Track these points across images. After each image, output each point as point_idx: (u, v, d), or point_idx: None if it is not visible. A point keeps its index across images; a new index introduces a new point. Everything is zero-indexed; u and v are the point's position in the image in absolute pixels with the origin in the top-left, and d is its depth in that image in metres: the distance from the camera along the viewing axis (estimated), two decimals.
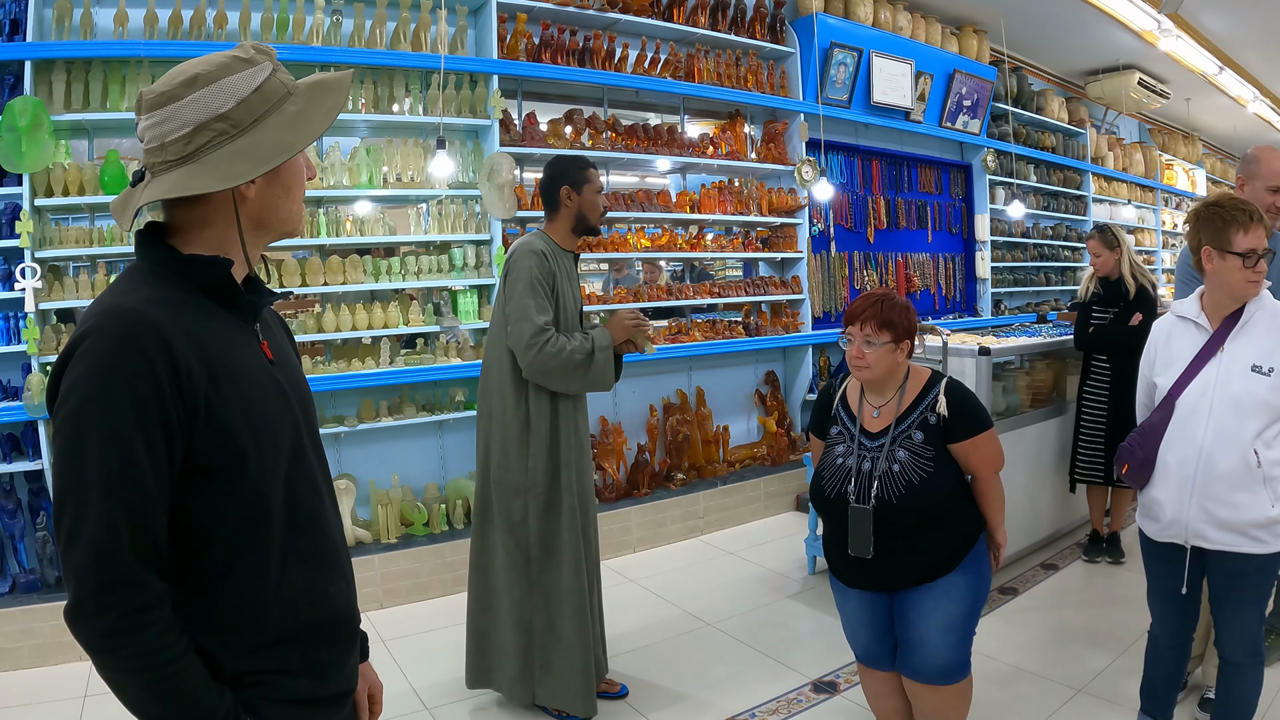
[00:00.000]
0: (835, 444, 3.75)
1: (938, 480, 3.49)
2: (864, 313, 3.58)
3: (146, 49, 5.76)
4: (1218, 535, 3.60)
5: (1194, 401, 3.67)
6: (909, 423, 3.60)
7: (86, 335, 1.61)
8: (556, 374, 4.41)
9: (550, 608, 4.56)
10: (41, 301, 5.64)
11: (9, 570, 5.76)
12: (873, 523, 3.47)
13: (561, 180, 4.63)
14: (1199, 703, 4.52)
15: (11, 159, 5.41)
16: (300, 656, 1.83)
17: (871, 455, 3.59)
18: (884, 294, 3.66)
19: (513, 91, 7.61)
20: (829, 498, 3.64)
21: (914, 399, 3.65)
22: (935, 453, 3.53)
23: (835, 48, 9.02)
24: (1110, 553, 6.81)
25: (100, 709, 4.79)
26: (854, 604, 3.75)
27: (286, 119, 1.80)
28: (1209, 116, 16.44)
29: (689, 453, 8.27)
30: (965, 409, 3.61)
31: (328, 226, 6.46)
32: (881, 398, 3.70)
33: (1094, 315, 6.75)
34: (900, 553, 3.50)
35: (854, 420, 3.72)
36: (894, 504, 3.46)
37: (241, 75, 1.75)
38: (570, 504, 4.57)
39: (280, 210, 1.87)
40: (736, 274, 9.71)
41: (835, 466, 3.67)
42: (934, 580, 3.52)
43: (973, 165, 11.60)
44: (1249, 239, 3.57)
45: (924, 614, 3.54)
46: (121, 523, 1.57)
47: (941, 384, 3.64)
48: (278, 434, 1.82)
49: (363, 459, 6.80)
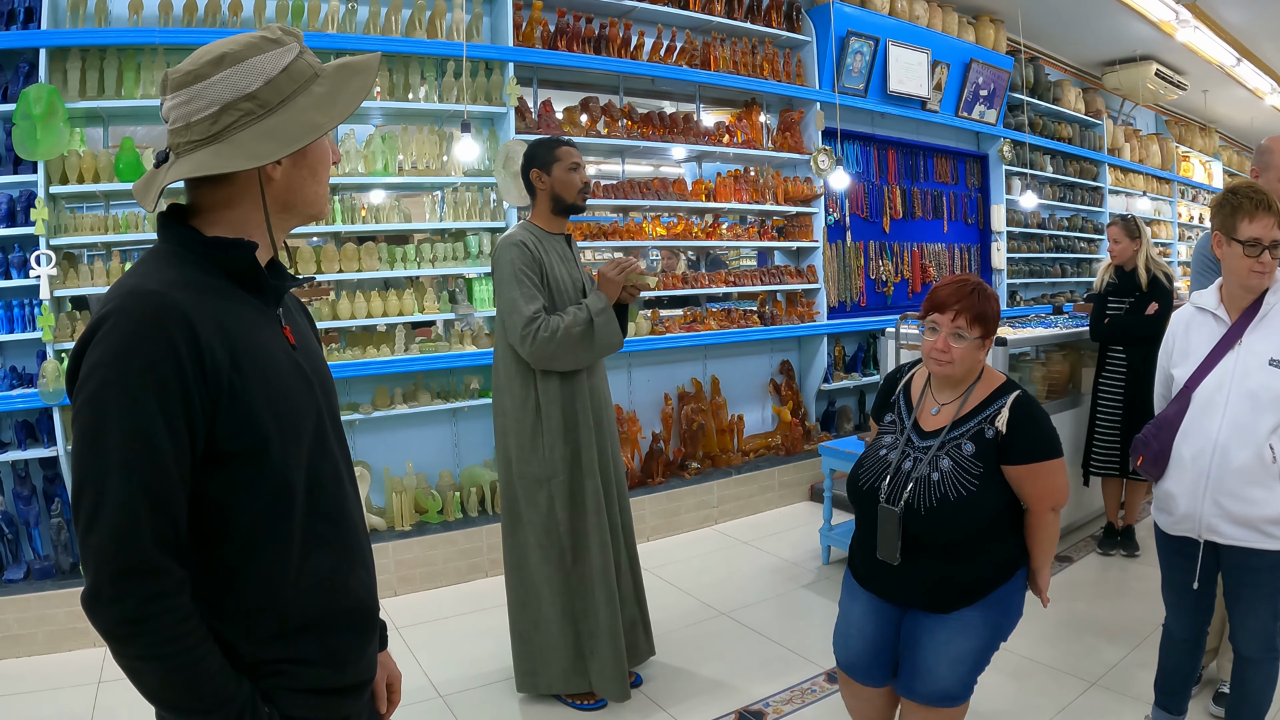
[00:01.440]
0: (885, 433, 3.49)
1: (979, 502, 3.15)
2: (956, 301, 3.24)
3: (161, 36, 5.76)
4: (1231, 530, 3.57)
5: (1210, 394, 3.64)
6: (964, 430, 3.26)
7: (109, 316, 1.59)
8: (561, 353, 4.35)
9: (588, 596, 4.56)
10: (56, 289, 5.65)
11: (24, 556, 5.79)
12: (900, 527, 3.18)
13: (531, 164, 4.60)
14: (1214, 697, 4.49)
15: (26, 146, 5.41)
16: (319, 646, 1.81)
17: (915, 455, 3.29)
18: (976, 281, 3.31)
19: (528, 79, 7.59)
20: (862, 489, 3.38)
21: (978, 405, 3.31)
22: (984, 470, 3.18)
23: (852, 36, 8.98)
24: (1125, 546, 6.78)
25: (114, 695, 4.80)
26: (861, 607, 3.45)
27: (314, 100, 1.78)
28: (1226, 108, 16.37)
29: (703, 442, 8.27)
30: (1030, 429, 3.22)
31: (343, 213, 6.46)
32: (947, 395, 3.38)
33: (1109, 306, 6.71)
34: (927, 569, 3.21)
35: (910, 412, 3.44)
36: (921, 514, 3.16)
37: (269, 55, 1.74)
38: (594, 487, 4.55)
39: (306, 192, 1.85)
40: (751, 263, 9.69)
41: (877, 457, 3.40)
42: (950, 611, 3.22)
43: (989, 155, 11.54)
44: (1254, 227, 3.54)
45: (936, 644, 3.23)
46: (142, 507, 1.55)
47: (1010, 396, 3.27)
48: (300, 419, 1.81)
49: (377, 446, 6.81)
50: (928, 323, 3.29)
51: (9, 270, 5.66)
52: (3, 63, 5.76)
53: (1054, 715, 4.48)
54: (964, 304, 3.23)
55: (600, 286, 4.51)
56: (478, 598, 6.21)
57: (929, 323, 3.28)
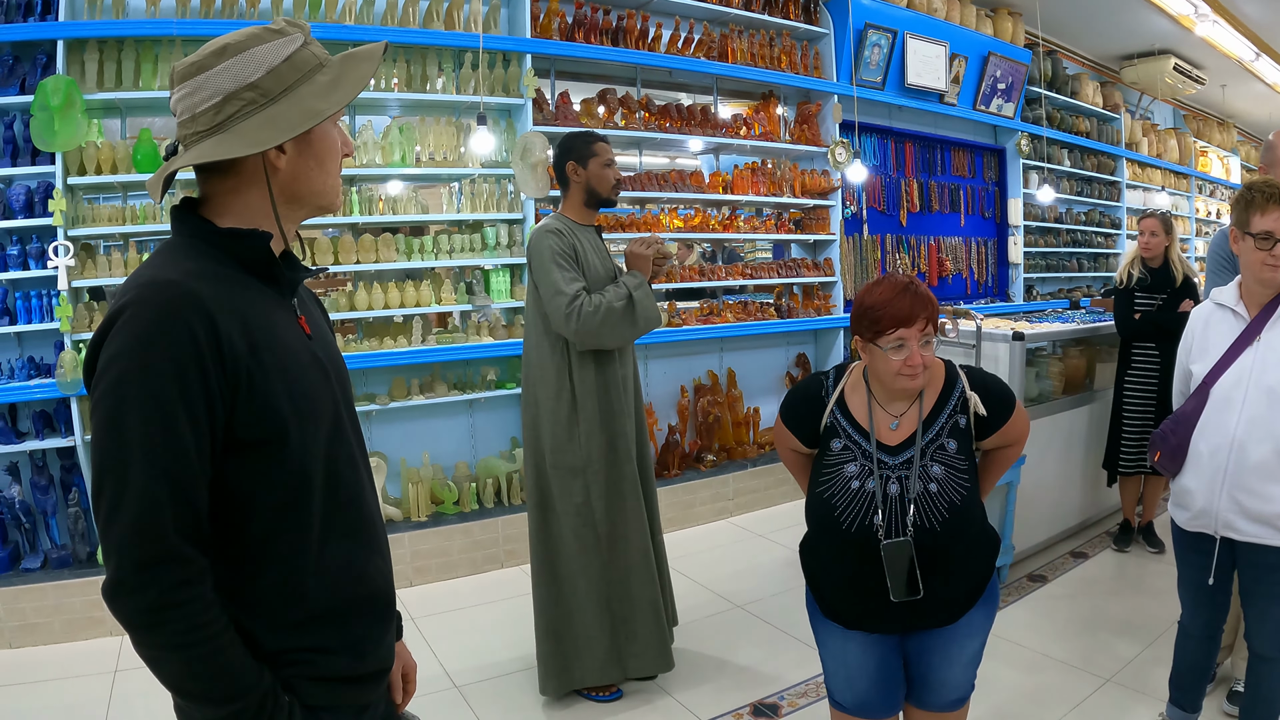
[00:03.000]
0: (842, 462, 3.01)
1: (974, 494, 2.96)
2: (914, 311, 2.85)
3: (179, 28, 5.77)
4: (1248, 527, 3.56)
5: (1228, 390, 3.63)
6: (938, 429, 2.98)
7: (126, 307, 1.59)
8: (606, 330, 4.36)
9: (626, 580, 4.58)
10: (74, 279, 5.68)
11: (41, 546, 5.82)
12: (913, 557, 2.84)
13: (568, 156, 4.63)
14: (1228, 695, 4.46)
15: (44, 138, 5.44)
16: (339, 634, 1.82)
17: (898, 475, 2.93)
18: (907, 280, 2.94)
19: (546, 71, 7.59)
20: (848, 530, 2.93)
21: (936, 399, 3.03)
22: (969, 462, 2.96)
23: (870, 29, 8.95)
24: (1149, 541, 6.75)
25: (131, 683, 4.82)
26: (857, 648, 3.09)
27: (317, 88, 1.79)
28: (1244, 103, 16.26)
29: (719, 434, 8.27)
30: (996, 395, 3.06)
31: (360, 205, 6.47)
32: (900, 405, 3.02)
33: (1138, 301, 6.55)
34: (941, 587, 2.91)
35: (864, 434, 3.01)
36: (938, 531, 2.86)
37: (271, 45, 1.75)
38: (631, 473, 4.59)
39: (314, 183, 1.85)
40: (767, 256, 9.68)
41: (850, 492, 2.95)
42: (959, 619, 2.99)
43: (1006, 149, 11.51)
44: (1266, 221, 3.53)
45: (950, 656, 3.04)
46: (163, 497, 1.55)
47: (963, 378, 3.05)
48: (318, 409, 1.81)
49: (394, 437, 6.83)
50: (891, 340, 2.86)
51: (27, 261, 5.68)
52: (20, 54, 5.79)
53: (1068, 711, 4.46)
54: (926, 310, 2.88)
55: (631, 264, 4.58)
56: (493, 588, 6.22)
57: (893, 340, 2.86)
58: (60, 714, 4.68)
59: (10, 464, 5.83)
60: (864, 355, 3.03)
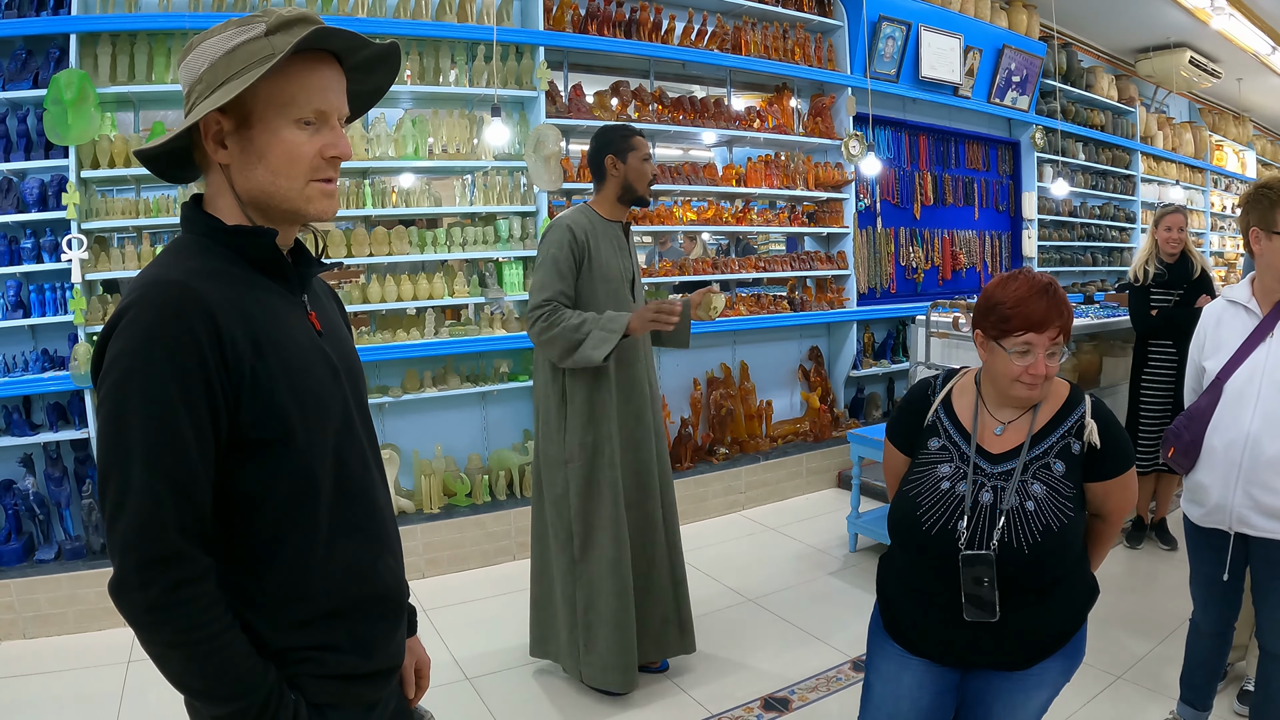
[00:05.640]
0: (936, 462, 2.82)
1: (1077, 528, 2.68)
2: (1049, 316, 2.65)
3: (191, 21, 5.77)
4: (1262, 522, 3.54)
5: (1242, 386, 3.61)
6: (1047, 447, 2.73)
7: (130, 307, 1.60)
8: (547, 346, 4.36)
9: (592, 586, 4.53)
10: (88, 272, 5.70)
11: (55, 537, 5.85)
12: (995, 575, 2.59)
13: (607, 149, 4.59)
14: (1238, 694, 4.46)
15: (58, 131, 5.45)
16: (346, 632, 1.82)
17: (995, 484, 2.70)
18: (1046, 281, 2.71)
19: (559, 63, 7.57)
20: (928, 533, 2.70)
21: (1052, 417, 2.78)
22: (1075, 492, 2.68)
23: (884, 21, 8.92)
24: (1161, 539, 6.73)
25: (144, 674, 4.80)
26: (913, 677, 2.82)
27: (247, 76, 1.72)
28: (1260, 97, 16.19)
29: (732, 427, 8.27)
30: (1117, 438, 2.75)
31: (373, 197, 6.48)
32: (1009, 413, 2.81)
33: (1154, 297, 6.44)
34: (1019, 620, 2.65)
35: (966, 435, 2.82)
36: (1024, 554, 2.58)
37: (220, 38, 1.75)
38: (612, 479, 4.53)
39: (261, 183, 1.77)
40: (780, 248, 9.67)
41: (939, 493, 2.74)
42: (1032, 666, 2.71)
43: (1021, 142, 11.45)
44: None
45: (1013, 706, 2.75)
46: (166, 496, 1.56)
47: (1086, 404, 2.77)
48: (326, 407, 1.81)
49: (406, 429, 6.84)
50: (1017, 344, 2.66)
51: (41, 254, 5.70)
52: (33, 48, 5.79)
53: (1079, 708, 4.46)
54: (1062, 318, 2.67)
55: (635, 315, 4.35)
56: (505, 580, 6.24)
57: (1019, 344, 2.65)
58: (74, 704, 4.71)
59: (24, 456, 5.84)
60: (982, 351, 2.83)
